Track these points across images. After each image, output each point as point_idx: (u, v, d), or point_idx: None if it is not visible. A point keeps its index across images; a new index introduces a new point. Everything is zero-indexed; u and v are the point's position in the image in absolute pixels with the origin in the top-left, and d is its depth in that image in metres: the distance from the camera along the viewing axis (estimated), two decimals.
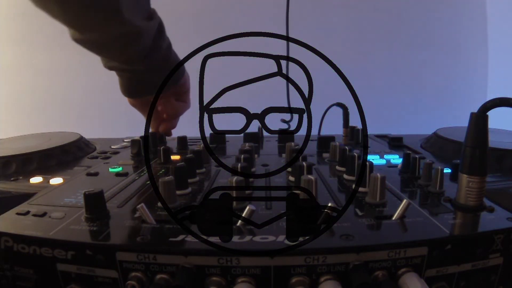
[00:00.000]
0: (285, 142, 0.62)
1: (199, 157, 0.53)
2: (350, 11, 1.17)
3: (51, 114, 1.18)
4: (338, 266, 0.31)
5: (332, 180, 0.50)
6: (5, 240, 0.34)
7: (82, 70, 1.16)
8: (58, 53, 1.14)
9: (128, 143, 0.70)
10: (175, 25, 1.14)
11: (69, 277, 0.33)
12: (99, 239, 0.33)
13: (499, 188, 0.45)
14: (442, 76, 1.23)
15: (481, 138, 0.37)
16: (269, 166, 0.56)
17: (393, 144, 0.72)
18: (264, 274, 0.30)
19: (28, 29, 1.12)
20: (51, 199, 0.43)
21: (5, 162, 0.56)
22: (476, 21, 1.21)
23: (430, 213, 0.37)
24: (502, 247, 0.34)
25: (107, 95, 1.18)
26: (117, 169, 0.55)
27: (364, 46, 1.19)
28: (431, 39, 1.20)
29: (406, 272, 0.31)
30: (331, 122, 0.81)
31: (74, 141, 0.67)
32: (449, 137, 0.65)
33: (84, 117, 1.19)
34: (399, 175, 0.51)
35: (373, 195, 0.40)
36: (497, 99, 0.36)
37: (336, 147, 0.58)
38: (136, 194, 0.45)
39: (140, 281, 0.31)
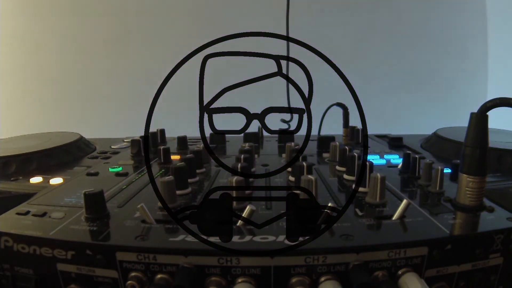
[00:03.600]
0: (285, 142, 0.62)
1: (199, 157, 0.53)
2: (350, 11, 1.17)
3: (51, 114, 1.18)
4: (338, 266, 0.31)
5: (332, 180, 0.50)
6: (5, 240, 0.34)
7: (82, 70, 1.16)
8: (59, 53, 1.14)
9: (128, 143, 0.70)
10: (175, 25, 1.15)
11: (69, 277, 0.33)
12: (99, 239, 0.33)
13: (499, 188, 0.45)
14: (442, 76, 1.22)
15: (481, 138, 0.37)
16: (269, 166, 0.56)
17: (393, 144, 0.72)
18: (264, 274, 0.30)
19: (28, 29, 1.12)
20: (51, 199, 0.43)
21: (5, 162, 0.56)
22: (476, 21, 1.21)
23: (430, 213, 0.38)
24: (502, 247, 0.34)
25: (107, 95, 1.18)
26: (117, 169, 0.55)
27: (364, 46, 1.19)
28: (431, 39, 1.20)
29: (406, 272, 0.31)
30: (331, 122, 0.81)
31: (74, 141, 0.67)
32: (449, 137, 0.65)
33: (84, 117, 1.19)
34: (399, 175, 0.51)
35: (373, 195, 0.40)
36: (497, 99, 0.36)
37: (336, 147, 0.58)
38: (136, 194, 0.45)
39: (140, 281, 0.31)
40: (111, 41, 1.15)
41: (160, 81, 0.32)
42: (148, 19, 1.14)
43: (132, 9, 1.14)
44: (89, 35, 1.14)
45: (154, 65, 1.07)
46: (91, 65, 1.16)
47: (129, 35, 1.15)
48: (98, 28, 1.14)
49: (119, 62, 1.16)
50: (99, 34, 1.14)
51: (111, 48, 1.16)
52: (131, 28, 1.15)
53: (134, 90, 1.15)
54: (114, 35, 1.15)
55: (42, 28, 1.12)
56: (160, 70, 0.34)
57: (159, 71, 0.36)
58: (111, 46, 1.16)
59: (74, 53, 1.15)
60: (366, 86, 1.16)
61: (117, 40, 1.15)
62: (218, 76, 0.42)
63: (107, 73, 1.17)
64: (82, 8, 1.12)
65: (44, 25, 1.12)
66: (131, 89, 1.17)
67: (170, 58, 0.35)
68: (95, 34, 1.14)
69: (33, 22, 1.12)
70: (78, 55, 1.15)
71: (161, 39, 1.15)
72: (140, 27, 1.15)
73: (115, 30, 1.14)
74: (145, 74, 1.14)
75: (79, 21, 1.13)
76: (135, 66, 1.17)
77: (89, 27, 1.14)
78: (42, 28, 1.12)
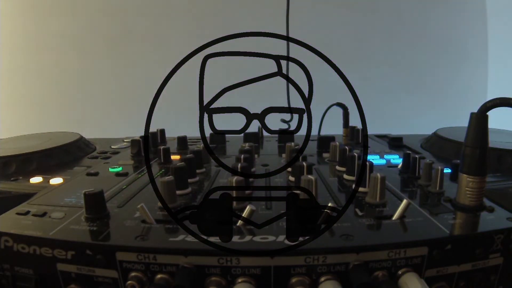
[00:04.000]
0: (285, 142, 0.62)
1: (199, 157, 0.53)
2: (350, 11, 1.17)
3: (51, 114, 1.18)
4: (338, 266, 0.31)
5: (332, 180, 0.50)
6: (5, 240, 0.34)
7: (82, 70, 1.16)
8: (59, 53, 1.14)
9: (128, 143, 0.70)
10: (175, 25, 1.15)
11: (69, 277, 0.33)
12: (99, 239, 0.33)
13: (499, 188, 0.45)
14: (442, 76, 1.22)
15: (481, 138, 0.37)
16: (269, 166, 0.56)
17: (393, 144, 0.72)
18: (264, 274, 0.30)
19: (28, 29, 1.12)
20: (51, 199, 0.43)
21: (5, 162, 0.56)
22: (476, 21, 1.21)
23: (430, 213, 0.38)
24: (502, 247, 0.34)
25: (107, 95, 1.18)
26: (117, 169, 0.55)
27: (364, 46, 1.19)
28: (431, 39, 1.20)
29: (406, 272, 0.31)
30: (331, 122, 0.81)
31: (74, 141, 0.67)
32: (449, 137, 0.65)
33: (84, 117, 1.19)
34: (399, 175, 0.51)
35: (373, 195, 0.40)
36: (497, 99, 0.36)
37: (336, 147, 0.58)
38: (136, 194, 0.45)
39: (140, 281, 0.31)
40: (111, 41, 1.15)
41: (160, 81, 0.32)
42: (148, 19, 1.14)
43: (132, 9, 1.14)
44: (89, 35, 1.14)
45: (154, 65, 1.07)
46: (91, 65, 1.16)
47: (129, 35, 1.15)
48: (98, 28, 1.14)
49: (119, 62, 1.16)
50: (99, 34, 1.14)
51: (111, 48, 1.16)
52: (131, 28, 1.15)
53: (134, 90, 1.15)
54: (114, 35, 1.15)
55: (42, 28, 1.12)
56: (160, 70, 0.34)
57: (159, 71, 0.36)
58: (111, 46, 1.16)
59: (74, 53, 1.15)
60: (366, 86, 1.16)
61: (117, 40, 1.15)
62: (218, 76, 0.42)
63: (107, 73, 1.17)
64: (82, 8, 1.12)
65: (44, 25, 1.12)
66: (131, 89, 1.17)
67: (170, 58, 0.35)
68: (95, 34, 1.14)
69: (33, 22, 1.12)
70: (78, 55, 1.15)
71: (161, 39, 1.15)
72: (140, 27, 1.15)
73: (115, 30, 1.14)
74: (145, 74, 1.14)
75: (79, 21, 1.13)
76: (135, 66, 1.17)
77: (89, 27, 1.14)
78: (42, 28, 1.12)
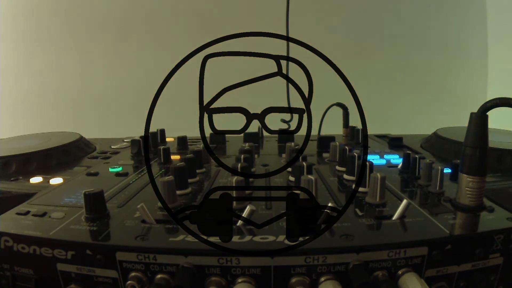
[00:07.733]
0: (285, 142, 0.62)
1: (199, 157, 0.53)
2: (350, 11, 1.17)
3: (51, 114, 1.18)
4: (338, 266, 0.31)
5: (332, 180, 0.50)
6: (5, 240, 0.34)
7: (83, 70, 1.16)
8: (58, 53, 1.14)
9: (128, 143, 0.70)
10: (175, 25, 1.15)
11: (69, 277, 0.33)
12: (99, 239, 0.33)
13: (499, 188, 0.45)
14: (442, 76, 1.22)
15: (481, 138, 0.37)
16: (269, 166, 0.56)
17: (393, 144, 0.72)
18: (264, 274, 0.30)
19: (28, 29, 1.12)
20: (51, 199, 0.43)
21: (5, 162, 0.55)
22: (476, 21, 1.21)
23: (430, 213, 0.38)
24: (502, 247, 0.34)
25: (107, 95, 1.18)
26: (117, 169, 0.55)
27: (364, 46, 1.19)
28: (431, 39, 1.20)
29: (406, 272, 0.31)
30: (331, 122, 0.81)
31: (74, 141, 0.67)
32: (449, 137, 0.65)
33: (84, 117, 1.19)
34: (399, 175, 0.51)
35: (373, 195, 0.40)
36: (497, 99, 0.36)
37: (336, 147, 0.58)
38: (136, 194, 0.45)
39: (140, 281, 0.31)
40: (111, 41, 1.15)
41: (160, 81, 0.32)
42: (148, 19, 1.14)
43: (132, 9, 1.14)
44: (89, 35, 1.14)
45: (154, 65, 1.07)
46: (91, 65, 1.16)
47: (129, 35, 1.15)
48: (98, 28, 1.14)
49: (119, 62, 1.16)
50: (99, 34, 1.14)
51: (111, 48, 1.16)
52: (131, 28, 1.15)
53: (134, 90, 1.15)
54: (114, 35, 1.15)
55: (42, 28, 1.12)
56: (160, 70, 0.34)
57: (159, 71, 0.36)
58: (111, 46, 1.16)
59: (74, 53, 1.15)
60: (366, 86, 1.16)
61: (117, 40, 1.15)
62: (218, 76, 0.42)
63: (107, 73, 1.17)
64: (82, 8, 1.12)
65: (44, 25, 1.12)
66: (131, 89, 1.17)
67: (170, 58, 0.35)
68: (95, 34, 1.14)
69: (33, 22, 1.12)
70: (78, 55, 1.15)
71: (161, 39, 1.15)
72: (140, 27, 1.15)
73: (115, 30, 1.14)
74: (145, 74, 1.14)
75: (79, 21, 1.13)
76: (135, 66, 1.17)
77: (89, 27, 1.14)
78: (42, 28, 1.12)
